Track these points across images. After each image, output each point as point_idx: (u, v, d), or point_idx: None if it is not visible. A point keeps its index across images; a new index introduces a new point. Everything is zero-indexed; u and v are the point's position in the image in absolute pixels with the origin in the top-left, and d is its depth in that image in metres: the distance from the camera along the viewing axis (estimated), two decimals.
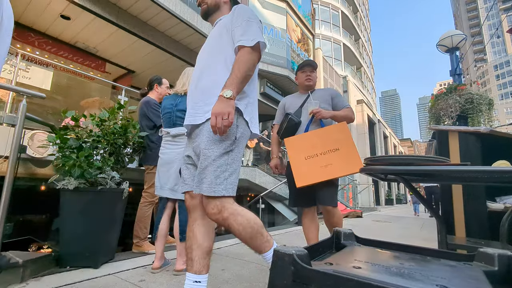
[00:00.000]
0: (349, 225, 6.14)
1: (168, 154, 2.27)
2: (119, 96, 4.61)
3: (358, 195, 11.83)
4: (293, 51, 11.00)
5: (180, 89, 2.33)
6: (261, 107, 10.48)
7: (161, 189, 2.27)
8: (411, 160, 1.09)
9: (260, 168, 7.48)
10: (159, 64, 7.04)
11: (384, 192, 19.56)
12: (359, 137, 16.98)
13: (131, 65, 7.23)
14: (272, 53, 9.95)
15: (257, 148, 10.00)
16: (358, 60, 24.89)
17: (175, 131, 2.27)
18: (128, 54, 6.71)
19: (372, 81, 32.41)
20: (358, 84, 23.17)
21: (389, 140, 24.34)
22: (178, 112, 2.28)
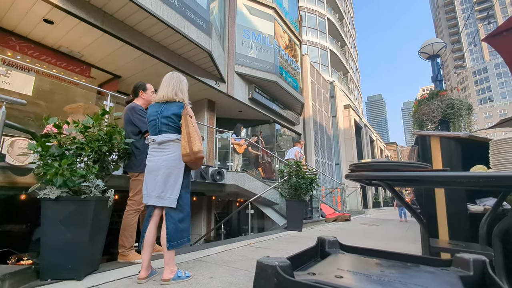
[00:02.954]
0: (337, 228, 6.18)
1: (154, 161, 2.25)
2: (104, 102, 4.53)
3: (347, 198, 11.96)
4: (281, 57, 11.11)
5: (160, 97, 2.33)
6: (249, 112, 10.50)
7: (148, 197, 2.24)
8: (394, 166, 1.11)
9: (249, 173, 7.47)
10: (146, 69, 6.98)
11: (371, 195, 19.83)
12: (346, 141, 17.23)
13: (117, 70, 7.13)
14: (260, 58, 10.02)
15: (246, 153, 10.00)
16: (344, 66, 25.36)
17: (160, 138, 2.25)
18: (114, 59, 6.62)
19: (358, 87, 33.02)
20: (345, 89, 23.58)
21: (376, 144, 24.77)
22: (163, 119, 2.28)
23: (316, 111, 15.23)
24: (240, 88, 9.46)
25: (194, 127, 2.23)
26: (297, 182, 5.70)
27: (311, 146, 13.82)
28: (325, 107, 16.82)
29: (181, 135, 2.22)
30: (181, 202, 2.20)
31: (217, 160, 7.54)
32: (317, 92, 15.83)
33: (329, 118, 17.16)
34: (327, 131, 16.47)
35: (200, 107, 9.00)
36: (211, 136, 8.80)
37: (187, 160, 2.17)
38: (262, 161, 10.04)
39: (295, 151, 8.57)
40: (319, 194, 8.92)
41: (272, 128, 12.32)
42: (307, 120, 14.19)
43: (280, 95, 11.23)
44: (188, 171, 2.31)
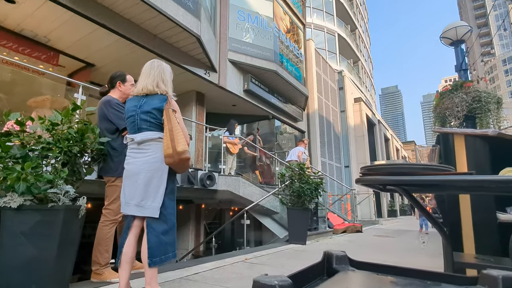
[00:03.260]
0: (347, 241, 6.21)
1: (133, 164, 2.25)
2: (75, 95, 4.50)
3: (358, 206, 12.01)
4: (281, 42, 11.12)
5: (140, 90, 2.32)
6: (245, 106, 10.50)
7: (127, 205, 2.23)
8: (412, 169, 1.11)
9: (244, 178, 7.47)
10: (124, 57, 6.95)
11: (386, 202, 19.95)
12: (358, 140, 17.31)
13: (90, 57, 7.09)
14: (257, 44, 10.02)
15: (241, 154, 10.00)
16: (354, 52, 25.45)
17: (140, 137, 2.25)
18: (86, 45, 6.58)
19: (371, 77, 33.18)
20: (356, 80, 23.68)
21: (391, 143, 24.90)
22: (143, 114, 2.27)
23: (322, 105, 15.27)
24: (234, 78, 9.45)
25: (178, 123, 2.22)
26: (300, 188, 5.72)
27: (316, 146, 13.87)
28: (333, 100, 16.88)
29: (163, 133, 2.21)
30: (165, 211, 2.20)
31: (207, 162, 7.54)
32: (324, 83, 15.87)
33: (337, 113, 17.22)
34: (335, 128, 16.53)
35: (187, 101, 8.98)
36: (200, 134, 8.79)
37: (170, 162, 2.17)
38: (260, 163, 10.06)
39: (298, 151, 8.59)
40: (325, 202, 8.95)
41: (271, 125, 12.34)
42: (311, 116, 14.24)
43: (280, 87, 11.25)
44: (173, 175, 2.30)
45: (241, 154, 10.30)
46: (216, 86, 8.74)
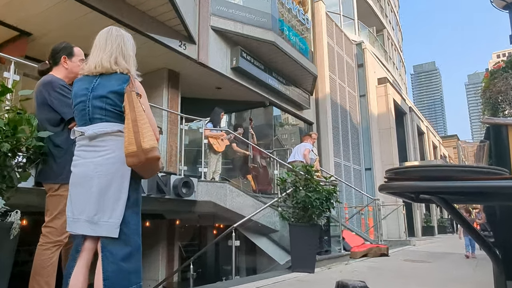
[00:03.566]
0: (369, 268, 6.26)
1: (84, 166, 2.23)
2: (4, 74, 4.46)
3: (383, 221, 12.12)
4: (282, 5, 11.10)
5: (92, 68, 2.30)
6: (233, 90, 10.49)
7: (75, 222, 2.22)
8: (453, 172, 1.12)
9: (232, 184, 7.48)
10: (71, 23, 6.87)
11: (420, 216, 20.15)
12: (383, 134, 17.44)
13: (24, 23, 7.01)
14: (249, 7, 9.98)
15: (229, 152, 9.99)
16: (378, 18, 25.56)
17: (93, 131, 2.23)
18: (19, 7, 6.49)
19: (400, 51, 33.37)
20: (380, 54, 23.81)
21: (426, 138, 25.15)
22: (97, 100, 2.25)
23: (335, 87, 15.32)
24: (218, 52, 9.43)
25: (144, 111, 2.21)
26: (306, 198, 5.74)
27: (328, 142, 13.95)
28: (350, 81, 16.95)
29: (124, 125, 2.21)
30: (126, 230, 2.19)
31: (183, 164, 7.52)
32: (338, 59, 15.93)
33: (355, 98, 17.31)
34: (352, 118, 16.61)
35: (156, 82, 8.93)
36: (174, 127, 8.76)
37: (133, 163, 2.16)
38: (253, 165, 10.08)
39: (304, 149, 8.61)
40: (340, 216, 9.00)
41: (268, 114, 12.35)
42: (321, 102, 14.29)
43: (280, 64, 11.26)
44: (137, 181, 2.29)
45: (228, 153, 10.27)
46: (195, 63, 8.71)
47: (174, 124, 8.78)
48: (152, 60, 8.48)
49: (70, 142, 2.62)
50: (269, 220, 7.27)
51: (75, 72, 2.98)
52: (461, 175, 1.08)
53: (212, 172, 7.92)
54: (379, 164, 16.95)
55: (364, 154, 16.97)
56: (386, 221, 14.70)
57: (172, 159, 8.56)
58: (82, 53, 3.09)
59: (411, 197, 1.23)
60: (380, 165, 16.99)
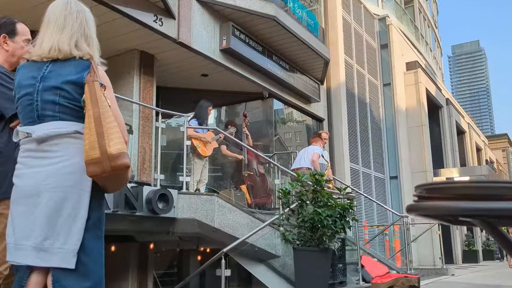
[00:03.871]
0: None
1: (30, 177, 2.22)
2: None
3: (413, 245, 12.13)
4: None
5: (45, 52, 2.29)
6: (223, 77, 10.48)
7: (18, 249, 2.20)
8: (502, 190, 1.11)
9: (222, 197, 7.46)
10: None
11: (460, 238, 20.18)
12: (412, 134, 17.47)
13: None
14: None
15: (217, 156, 9.96)
16: None
17: (43, 131, 2.22)
18: None
19: (435, 27, 33.46)
20: (409, 32, 23.86)
21: (468, 138, 25.25)
22: (48, 92, 2.24)
23: (352, 74, 15.35)
24: (204, 29, 9.42)
25: (110, 106, 2.21)
26: (315, 214, 5.74)
27: (342, 144, 13.97)
28: (371, 66, 16.99)
29: (84, 124, 2.20)
30: (86, 259, 2.18)
31: (160, 172, 7.49)
32: (355, 38, 15.96)
33: (377, 88, 17.35)
34: (374, 114, 16.65)
35: (123, 67, 8.92)
36: (147, 125, 8.74)
37: (96, 173, 2.15)
38: (249, 173, 10.05)
39: (313, 153, 8.60)
40: (358, 238, 9.01)
41: (267, 108, 12.35)
42: (334, 93, 14.32)
43: (282, 44, 11.27)
44: (100, 195, 2.29)
45: (217, 158, 10.24)
46: (175, 43, 8.70)
47: (147, 121, 8.75)
48: (121, 41, 8.45)
49: (12, 146, 2.61)
50: (268, 242, 7.27)
51: (18, 56, 2.97)
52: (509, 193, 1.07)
53: (197, 182, 7.90)
54: (407, 171, 16.99)
55: (389, 159, 17.02)
56: (417, 244, 14.73)
57: (145, 165, 8.54)
58: (28, 31, 3.07)
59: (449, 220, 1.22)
60: (409, 172, 17.03)
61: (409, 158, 17.24)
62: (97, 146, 2.13)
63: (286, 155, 12.43)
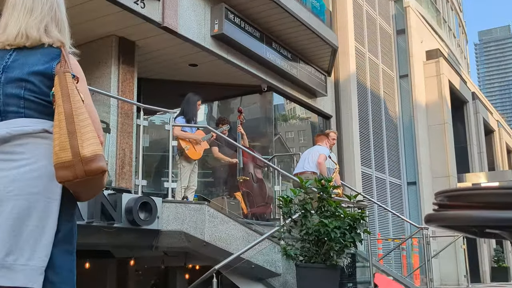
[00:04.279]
0: None
1: None
2: None
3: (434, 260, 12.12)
4: None
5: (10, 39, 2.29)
6: (215, 67, 10.48)
7: None
8: None
9: (214, 206, 7.46)
10: None
11: (488, 253, 20.16)
12: (433, 133, 17.47)
13: None
14: None
15: (209, 159, 9.94)
16: None
17: (5, 130, 2.21)
18: None
19: (459, 10, 33.47)
20: (429, 15, 23.85)
21: (497, 137, 25.23)
22: (11, 85, 2.24)
23: (364, 65, 15.35)
24: (193, 12, 9.42)
25: (83, 101, 2.20)
26: (321, 226, 5.73)
27: (352, 144, 13.96)
28: (386, 55, 16.98)
29: (53, 122, 2.19)
30: (55, 277, 2.17)
31: (142, 177, 7.49)
32: (367, 23, 15.95)
33: (393, 80, 17.35)
34: (389, 109, 16.64)
35: (99, 56, 8.90)
36: (127, 122, 8.72)
37: (67, 178, 2.14)
38: (244, 178, 10.05)
39: (318, 155, 8.59)
40: (371, 253, 9.00)
41: (266, 103, 12.34)
42: (344, 86, 14.31)
43: (284, 30, 11.28)
44: (71, 204, 2.29)
45: (208, 161, 10.22)
46: (159, 28, 8.69)
47: (127, 118, 8.74)
48: (95, 25, 8.44)
49: None
50: (267, 258, 7.27)
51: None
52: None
53: (184, 189, 7.88)
54: (427, 176, 17.00)
55: (406, 161, 17.02)
56: (438, 260, 14.75)
57: (124, 169, 8.52)
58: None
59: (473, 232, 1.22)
60: (429, 178, 17.04)
61: (429, 161, 17.26)
62: (69, 147, 2.12)
63: (287, 157, 12.43)
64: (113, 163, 8.36)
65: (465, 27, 36.19)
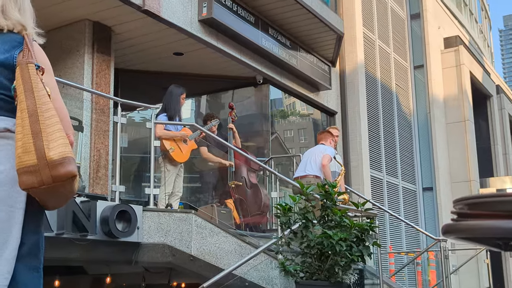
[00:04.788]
0: None
1: None
2: None
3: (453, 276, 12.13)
4: None
5: None
6: (203, 57, 10.48)
7: None
8: None
9: (201, 215, 7.45)
10: None
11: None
12: (452, 131, 17.49)
13: None
14: None
15: (196, 162, 9.92)
16: None
17: None
18: None
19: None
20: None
21: None
22: None
23: (374, 54, 15.37)
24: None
25: (50, 95, 2.20)
26: (325, 238, 5.74)
27: (360, 144, 13.96)
28: (398, 43, 17.00)
29: (15, 120, 2.18)
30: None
31: (119, 182, 7.48)
32: (377, 6, 15.97)
33: (407, 72, 17.37)
34: (401, 105, 16.66)
35: (71, 44, 8.88)
36: (103, 119, 8.71)
37: (32, 184, 2.14)
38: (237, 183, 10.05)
39: (322, 156, 8.58)
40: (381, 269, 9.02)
41: (261, 98, 12.34)
42: (350, 78, 14.31)
43: (281, 14, 11.28)
44: (36, 213, 2.29)
45: (195, 163, 10.20)
46: (139, 12, 8.68)
47: (103, 115, 8.72)
48: (63, 7, 8.41)
49: None
50: (262, 275, 7.28)
51: None
52: None
53: (168, 195, 7.87)
54: (445, 181, 17.02)
55: (422, 164, 17.04)
56: (458, 276, 14.77)
57: (99, 173, 8.51)
58: None
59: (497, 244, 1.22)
60: (448, 183, 17.06)
61: (448, 164, 17.28)
62: (33, 150, 2.11)
63: (286, 159, 12.44)
64: (86, 166, 8.34)
65: (489, 11, 36.25)
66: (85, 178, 8.20)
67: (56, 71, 2.42)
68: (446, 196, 16.61)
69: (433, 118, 17.13)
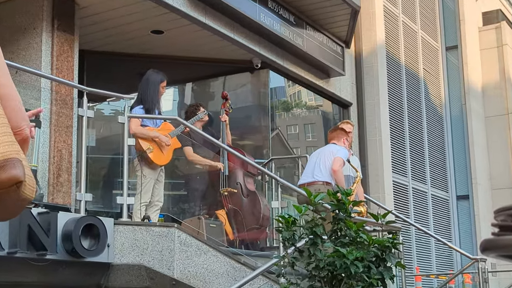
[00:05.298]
0: None
1: None
2: None
3: None
4: None
5: None
6: (188, 36, 10.47)
7: None
8: None
9: (187, 230, 7.46)
10: None
11: None
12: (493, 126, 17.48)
13: None
14: None
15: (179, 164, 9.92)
16: None
17: None
18: None
19: None
20: None
21: None
22: None
23: (397, 32, 15.39)
24: None
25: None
26: (337, 258, 5.74)
27: (380, 143, 13.97)
28: (427, 20, 17.01)
29: None
30: None
31: (85, 189, 7.48)
32: None
33: (438, 53, 17.38)
34: (430, 94, 16.66)
35: (26, 21, 8.86)
36: (65, 112, 8.70)
37: None
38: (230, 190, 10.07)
39: (333, 158, 8.58)
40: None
41: (260, 85, 12.35)
42: (368, 61, 14.32)
43: None
44: None
45: (178, 166, 10.21)
46: None
47: (65, 107, 8.71)
48: None
49: None
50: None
51: None
52: None
53: (146, 206, 7.87)
54: (485, 187, 17.02)
55: (456, 168, 17.05)
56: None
57: (61, 178, 8.50)
58: None
59: None
60: (488, 189, 17.07)
61: (487, 167, 17.29)
62: None
63: (290, 161, 12.44)
64: (44, 169, 8.32)
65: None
66: (43, 185, 8.17)
67: (6, 53, 2.40)
68: (486, 205, 16.62)
69: (469, 111, 17.12)
